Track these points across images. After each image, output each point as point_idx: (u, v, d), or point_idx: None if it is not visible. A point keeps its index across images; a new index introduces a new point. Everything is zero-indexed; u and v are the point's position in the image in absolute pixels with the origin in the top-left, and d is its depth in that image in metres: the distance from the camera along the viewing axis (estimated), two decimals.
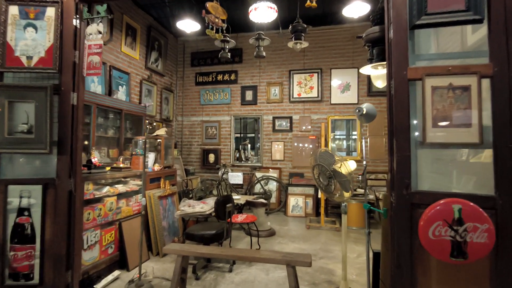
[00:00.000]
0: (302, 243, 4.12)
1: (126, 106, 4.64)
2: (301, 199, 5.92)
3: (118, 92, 4.70)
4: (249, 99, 6.71)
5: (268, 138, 6.60)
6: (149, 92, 5.90)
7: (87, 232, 2.70)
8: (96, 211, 2.80)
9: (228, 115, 6.82)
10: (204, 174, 6.83)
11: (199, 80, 6.97)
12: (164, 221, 3.67)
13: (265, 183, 6.31)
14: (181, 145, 7.04)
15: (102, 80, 4.58)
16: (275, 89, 6.60)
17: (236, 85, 6.79)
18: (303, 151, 6.36)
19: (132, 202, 3.37)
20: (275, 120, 6.57)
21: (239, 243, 4.07)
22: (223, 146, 6.82)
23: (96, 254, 2.80)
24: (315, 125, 6.38)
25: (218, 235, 3.01)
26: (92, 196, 2.76)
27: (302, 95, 6.46)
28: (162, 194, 3.68)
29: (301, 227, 5.00)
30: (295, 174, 6.37)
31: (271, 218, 5.59)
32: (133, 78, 5.41)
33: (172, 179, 4.24)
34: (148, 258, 3.40)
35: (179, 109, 7.10)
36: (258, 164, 6.61)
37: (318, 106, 6.39)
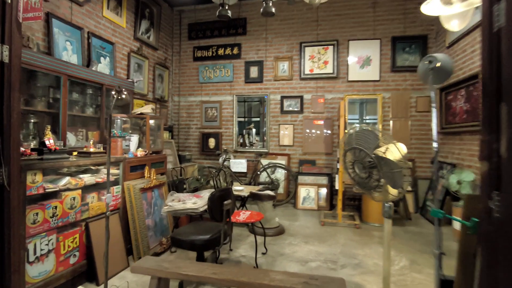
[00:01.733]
0: (317, 244, 3.41)
1: (108, 80, 3.88)
2: (313, 190, 5.19)
3: (97, 64, 3.93)
4: (254, 77, 5.90)
5: (275, 121, 5.82)
6: (139, 67, 5.12)
7: (35, 238, 2.01)
8: (48, 210, 2.10)
9: (230, 95, 6.03)
10: (203, 161, 6.13)
11: (197, 55, 6.15)
12: (149, 218, 2.98)
13: (272, 172, 5.59)
14: (178, 128, 6.31)
15: (78, 48, 3.81)
16: (284, 64, 5.77)
17: (239, 61, 5.96)
18: (315, 135, 5.58)
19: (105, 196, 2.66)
20: (283, 100, 5.76)
21: (241, 245, 3.37)
22: (224, 130, 6.07)
23: (50, 267, 2.12)
24: (329, 105, 5.57)
25: (213, 241, 2.30)
26: (42, 191, 2.06)
27: (314, 71, 5.62)
28: (146, 185, 2.97)
29: (314, 223, 4.28)
30: (306, 161, 5.62)
31: (279, 212, 4.89)
32: (119, 50, 4.63)
33: (161, 167, 3.53)
34: (127, 266, 2.73)
35: (176, 88, 6.33)
36: (264, 150, 5.86)
37: (333, 84, 5.56)
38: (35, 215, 2.00)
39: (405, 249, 3.26)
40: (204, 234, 2.35)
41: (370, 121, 5.70)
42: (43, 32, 3.39)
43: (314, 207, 5.09)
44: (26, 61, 2.83)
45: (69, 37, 3.70)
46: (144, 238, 2.82)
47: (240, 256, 3.04)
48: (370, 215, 4.23)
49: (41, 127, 3.29)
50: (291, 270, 2.76)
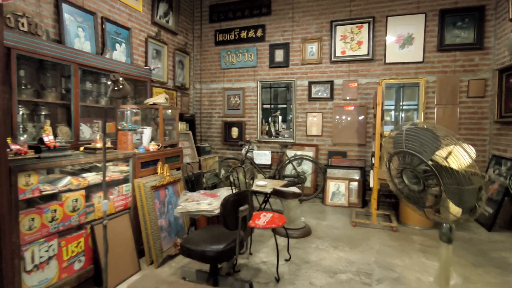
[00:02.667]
0: (348, 250, 3.02)
1: (123, 68, 3.67)
2: (343, 185, 4.75)
3: (111, 51, 3.71)
4: (279, 61, 5.44)
5: (302, 109, 5.37)
6: (158, 54, 4.88)
7: (32, 245, 1.84)
8: (46, 214, 1.91)
9: (253, 81, 5.64)
10: (226, 151, 5.87)
11: (219, 38, 5.78)
12: (162, 218, 2.76)
13: (298, 164, 5.20)
14: (200, 117, 6.07)
15: (91, 34, 3.60)
16: (312, 46, 5.24)
17: (263, 44, 5.52)
18: (347, 124, 5.07)
19: (114, 195, 2.46)
20: (311, 86, 5.27)
21: (263, 248, 3.08)
22: (248, 119, 5.73)
23: (52, 275, 1.96)
24: (363, 91, 5.00)
25: (228, 252, 2.01)
26: (38, 193, 1.86)
27: (347, 53, 5.04)
28: (159, 183, 2.74)
29: (345, 222, 3.87)
30: (336, 153, 5.15)
31: (306, 208, 4.52)
32: (136, 35, 4.39)
33: (177, 162, 3.28)
34: (138, 270, 2.54)
35: (197, 75, 6.05)
36: (290, 140, 5.46)
37: (368, 67, 4.96)
38: (30, 220, 1.82)
39: (454, 261, 2.78)
40: (218, 243, 2.06)
41: (408, 108, 5.07)
42: (53, 18, 3.20)
43: (344, 203, 4.65)
44: (34, 50, 2.66)
45: (81, 23, 3.49)
46: (157, 240, 2.61)
47: (261, 263, 2.75)
48: (409, 216, 3.73)
49: (54, 119, 3.16)
50: (317, 282, 2.41)
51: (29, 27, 2.83)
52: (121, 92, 1.77)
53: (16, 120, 2.56)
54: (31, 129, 2.90)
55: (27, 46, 2.61)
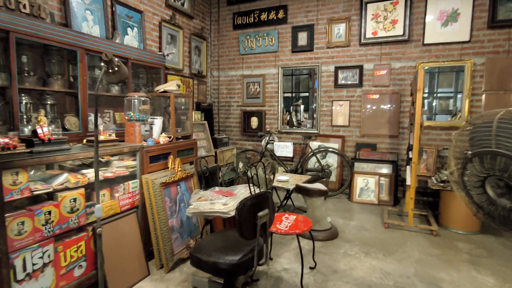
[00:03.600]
0: (382, 258, 2.64)
1: (135, 54, 3.42)
2: (372, 180, 4.32)
3: (121, 36, 3.45)
4: (303, 44, 4.99)
5: (327, 97, 4.93)
6: (172, 39, 4.59)
7: (23, 252, 1.62)
8: (39, 216, 1.68)
9: (274, 67, 5.24)
10: (245, 143, 5.56)
11: (237, 22, 5.40)
12: (173, 217, 2.50)
13: (322, 156, 4.80)
14: (218, 106, 5.78)
15: (100, 18, 3.36)
16: (340, 28, 4.74)
17: (285, 26, 5.08)
18: (377, 113, 4.59)
19: (119, 193, 2.22)
20: (338, 71, 4.80)
21: (284, 252, 2.77)
22: (268, 108, 5.37)
23: (48, 283, 1.75)
24: (397, 76, 4.48)
25: (244, 264, 1.72)
26: (29, 193, 1.63)
27: (379, 33, 4.51)
28: (169, 179, 2.47)
29: (375, 223, 3.47)
30: (365, 145, 4.70)
31: (331, 205, 4.15)
32: (149, 19, 4.11)
33: (190, 155, 3.01)
34: (147, 274, 2.31)
35: (215, 62, 5.72)
36: (313, 130, 5.06)
37: (403, 49, 4.41)
38: (20, 224, 1.60)
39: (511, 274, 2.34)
40: (233, 253, 1.76)
41: (444, 95, 4.50)
42: (58, 0, 2.97)
43: (373, 200, 4.23)
44: (35, 34, 2.44)
45: (89, 6, 3.25)
46: (167, 242, 2.36)
47: (282, 270, 2.44)
48: (452, 218, 3.27)
49: (62, 109, 2.97)
50: None
51: (31, 9, 2.60)
52: (117, 76, 1.48)
53: (17, 110, 2.37)
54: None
55: (28, 29, 2.38)
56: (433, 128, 4.28)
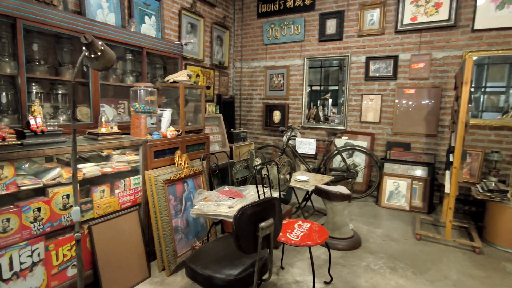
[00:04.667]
0: (411, 276, 2.29)
1: (150, 43, 3.28)
2: (404, 183, 3.88)
3: (136, 24, 3.32)
4: (331, 33, 4.60)
5: (356, 90, 4.51)
6: (193, 28, 4.42)
7: (9, 250, 1.53)
8: (27, 213, 1.58)
9: (300, 58, 4.90)
10: (266, 138, 5.31)
11: (262, 10, 5.11)
12: (178, 217, 2.34)
13: (348, 155, 4.43)
14: (240, 99, 5.57)
15: (116, 5, 3.25)
16: (373, 14, 4.29)
17: (312, 13, 4.71)
18: (413, 109, 4.11)
19: (119, 189, 2.09)
20: (369, 62, 4.37)
21: (297, 261, 2.51)
22: (292, 101, 5.06)
23: (38, 283, 1.66)
24: (438, 68, 3.96)
25: (244, 280, 1.49)
26: (15, 189, 1.53)
27: (419, 19, 4.00)
28: (174, 176, 2.31)
29: (405, 232, 3.09)
30: (397, 144, 4.25)
31: (355, 209, 3.80)
32: (168, 7, 3.96)
33: (201, 150, 2.83)
34: (148, 276, 2.18)
35: (237, 52, 5.49)
36: (340, 127, 4.68)
37: (448, 36, 3.88)
38: (5, 221, 1.50)
39: None
40: (231, 266, 1.55)
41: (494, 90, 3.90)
42: None
43: (404, 206, 3.81)
44: (44, 20, 2.35)
45: None
46: (169, 243, 2.21)
47: (293, 282, 2.19)
48: (500, 234, 2.80)
49: None
50: None
51: None
52: (101, 62, 1.30)
53: (25, 99, 2.31)
54: (48, 109, 2.68)
55: (36, 16, 2.30)
56: (480, 128, 3.74)
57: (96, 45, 1.26)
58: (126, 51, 3.24)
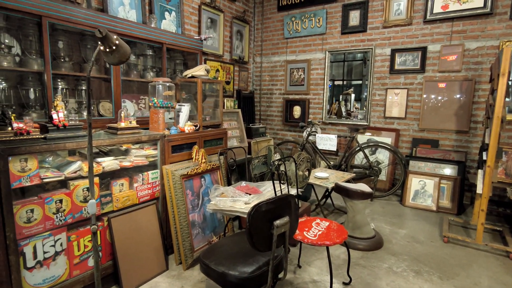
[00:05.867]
0: (437, 281, 2.16)
1: (170, 39, 3.30)
2: (431, 182, 3.68)
3: (156, 20, 3.35)
4: (354, 24, 4.42)
5: (381, 84, 4.32)
6: (213, 23, 4.41)
7: (33, 240, 1.59)
8: (50, 204, 1.64)
9: (321, 51, 4.77)
10: (286, 133, 5.24)
11: (282, 3, 5.01)
12: (195, 212, 2.35)
13: (371, 152, 4.27)
14: (260, 94, 5.52)
15: (137, 2, 3.29)
16: (400, 3, 4.07)
17: (335, 5, 4.55)
18: (441, 104, 3.88)
19: (138, 183, 2.12)
20: (395, 54, 4.16)
21: (315, 259, 2.45)
22: (312, 96, 4.94)
23: (61, 272, 1.72)
24: (472, 59, 3.69)
25: (258, 279, 1.47)
26: (38, 181, 1.58)
27: (450, 7, 3.74)
28: (191, 171, 2.31)
29: (431, 234, 2.93)
30: (423, 141, 4.04)
31: (378, 208, 3.66)
32: (188, 2, 3.97)
33: (219, 145, 2.82)
34: (165, 269, 2.21)
35: (257, 47, 5.43)
36: (362, 122, 4.52)
37: (483, 25, 3.60)
38: (29, 212, 1.56)
39: None
40: (245, 264, 1.52)
41: None
42: None
43: (431, 206, 3.61)
44: (68, 18, 2.42)
45: None
46: (186, 237, 2.22)
47: (310, 282, 2.13)
48: None
49: (97, 94, 2.99)
50: None
51: None
52: (115, 56, 1.30)
53: (50, 95, 2.40)
54: (72, 104, 2.78)
55: (60, 14, 2.37)
56: None
57: (110, 39, 1.26)
58: (146, 47, 3.29)
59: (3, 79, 2.29)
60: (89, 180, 1.24)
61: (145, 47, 3.28)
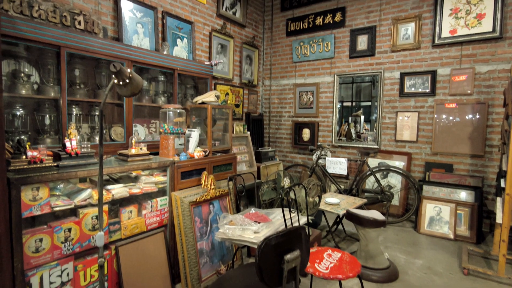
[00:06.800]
0: None
1: (181, 65, 3.39)
2: (446, 208, 3.55)
3: (168, 47, 3.46)
4: (362, 49, 4.47)
5: (391, 107, 4.30)
6: (223, 48, 4.54)
7: (41, 270, 1.57)
8: (58, 233, 1.63)
9: (330, 74, 4.81)
10: (296, 156, 5.20)
11: (291, 28, 5.13)
12: (203, 240, 2.31)
13: (382, 176, 4.18)
14: (269, 117, 5.55)
15: (150, 30, 3.43)
16: (408, 28, 4.11)
17: (342, 30, 4.63)
18: (454, 127, 3.81)
19: (146, 210, 2.10)
20: (404, 78, 4.16)
21: None
22: (321, 119, 4.94)
23: None
24: (483, 83, 3.66)
25: None
26: (49, 210, 1.58)
27: (459, 31, 3.77)
28: (200, 197, 2.29)
29: (450, 265, 2.79)
30: (437, 165, 3.94)
31: (391, 235, 3.53)
32: (199, 29, 4.11)
33: (228, 171, 2.80)
34: None
35: (267, 70, 5.53)
36: (373, 145, 4.46)
37: (493, 49, 3.59)
38: (38, 241, 1.55)
39: None
40: None
41: None
42: (112, 15, 3.09)
43: (448, 234, 3.46)
44: (85, 48, 2.51)
45: (141, 19, 3.33)
46: (194, 267, 2.17)
47: None
48: None
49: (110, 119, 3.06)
50: None
51: (85, 25, 2.72)
52: (129, 88, 1.33)
53: (65, 121, 2.45)
54: (85, 129, 2.84)
55: (78, 44, 2.47)
56: None
57: (124, 73, 1.30)
58: (159, 72, 3.38)
59: (21, 106, 2.37)
60: (99, 211, 1.23)
61: (157, 73, 3.37)
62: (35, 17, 2.38)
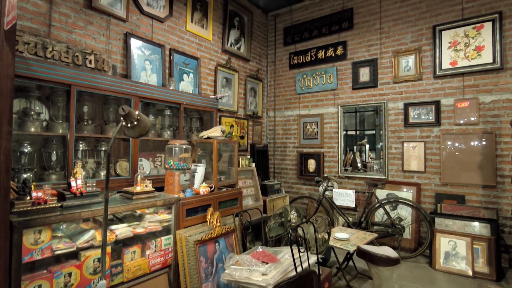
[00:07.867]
0: None
1: (187, 99, 3.46)
2: (462, 243, 3.39)
3: (175, 82, 3.55)
4: (365, 80, 4.55)
5: (396, 137, 4.28)
6: (228, 82, 4.65)
7: None
8: (58, 279, 1.55)
9: (333, 105, 4.86)
10: (301, 187, 5.12)
11: (294, 61, 5.28)
12: (208, 281, 2.19)
13: (392, 207, 4.05)
14: (274, 148, 5.54)
15: (158, 67, 3.54)
16: (408, 60, 4.21)
17: (344, 62, 4.75)
18: (463, 157, 3.75)
19: (150, 250, 2.03)
20: (408, 108, 4.18)
21: None
22: (327, 150, 4.92)
23: None
24: (488, 112, 3.65)
25: None
26: (50, 254, 1.53)
27: (459, 63, 3.83)
28: (206, 236, 2.21)
29: None
30: (448, 196, 3.83)
31: (405, 272, 3.35)
32: (205, 64, 4.24)
33: (234, 206, 2.74)
34: None
35: (271, 102, 5.62)
36: (380, 175, 4.38)
37: (495, 79, 3.63)
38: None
39: None
40: None
41: None
42: (121, 53, 3.21)
43: (465, 271, 3.28)
44: (94, 85, 2.58)
45: (149, 56, 3.46)
46: None
47: None
48: None
49: (116, 154, 3.07)
50: None
51: (96, 63, 2.82)
52: (137, 130, 1.33)
53: (71, 157, 2.46)
54: (91, 164, 2.83)
55: (88, 82, 2.54)
56: None
57: (132, 115, 1.30)
58: (165, 107, 3.44)
59: (29, 143, 2.39)
60: (101, 257, 1.18)
61: (164, 107, 3.43)
62: (48, 57, 2.47)
